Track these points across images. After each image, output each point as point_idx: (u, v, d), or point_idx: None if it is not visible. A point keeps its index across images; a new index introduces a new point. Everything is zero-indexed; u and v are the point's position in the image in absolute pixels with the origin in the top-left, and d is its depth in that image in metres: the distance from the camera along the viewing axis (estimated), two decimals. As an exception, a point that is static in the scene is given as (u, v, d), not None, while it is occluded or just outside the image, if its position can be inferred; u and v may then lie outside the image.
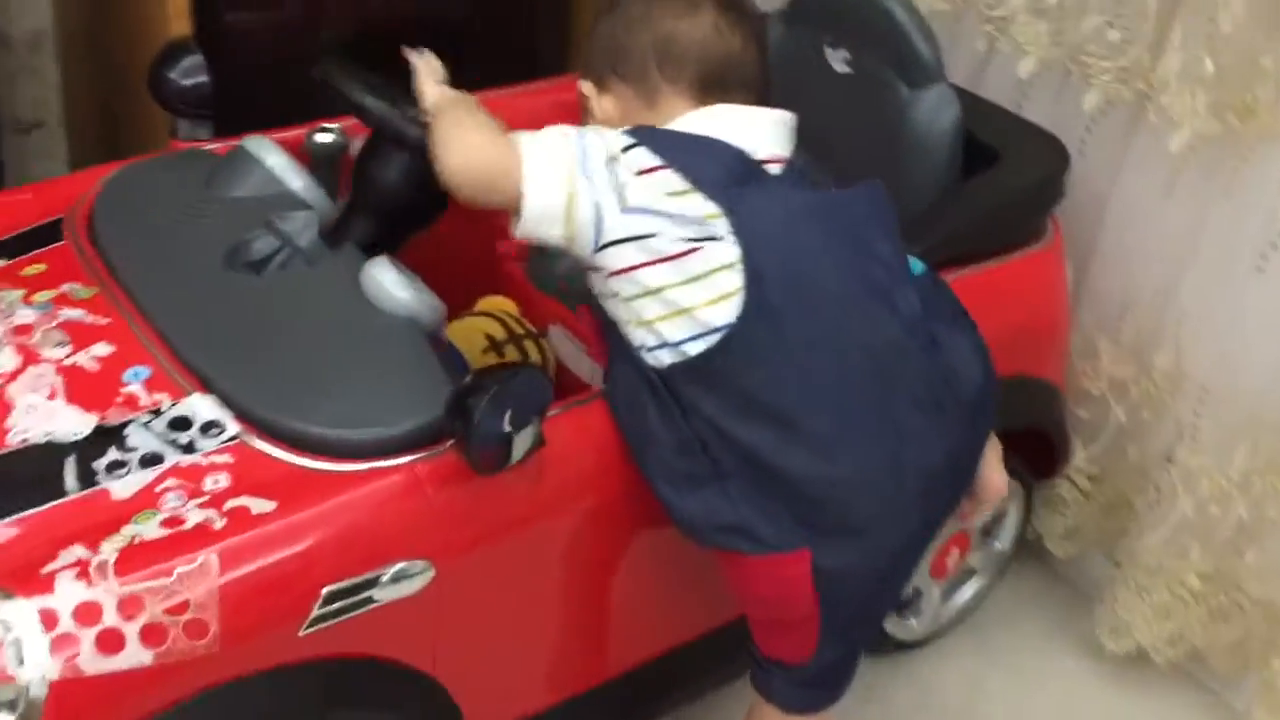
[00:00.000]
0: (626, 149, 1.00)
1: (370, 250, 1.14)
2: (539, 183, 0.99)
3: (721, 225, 0.99)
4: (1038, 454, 1.51)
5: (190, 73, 1.32)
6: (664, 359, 1.00)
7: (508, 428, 0.94)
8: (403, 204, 1.19)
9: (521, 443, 0.96)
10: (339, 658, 0.97)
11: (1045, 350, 1.44)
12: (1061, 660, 1.56)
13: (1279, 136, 1.27)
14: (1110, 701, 1.52)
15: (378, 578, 0.96)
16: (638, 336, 1.02)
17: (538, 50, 1.82)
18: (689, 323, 0.98)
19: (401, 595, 0.98)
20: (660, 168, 0.99)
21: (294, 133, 1.34)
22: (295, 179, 1.22)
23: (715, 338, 0.98)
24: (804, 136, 1.18)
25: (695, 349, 0.99)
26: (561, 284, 1.37)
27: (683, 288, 0.98)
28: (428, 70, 1.15)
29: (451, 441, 0.97)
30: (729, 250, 0.98)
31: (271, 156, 1.23)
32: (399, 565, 0.97)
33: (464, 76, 1.17)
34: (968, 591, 1.56)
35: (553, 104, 1.38)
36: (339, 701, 1.00)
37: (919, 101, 1.36)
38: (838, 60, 1.44)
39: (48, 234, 1.21)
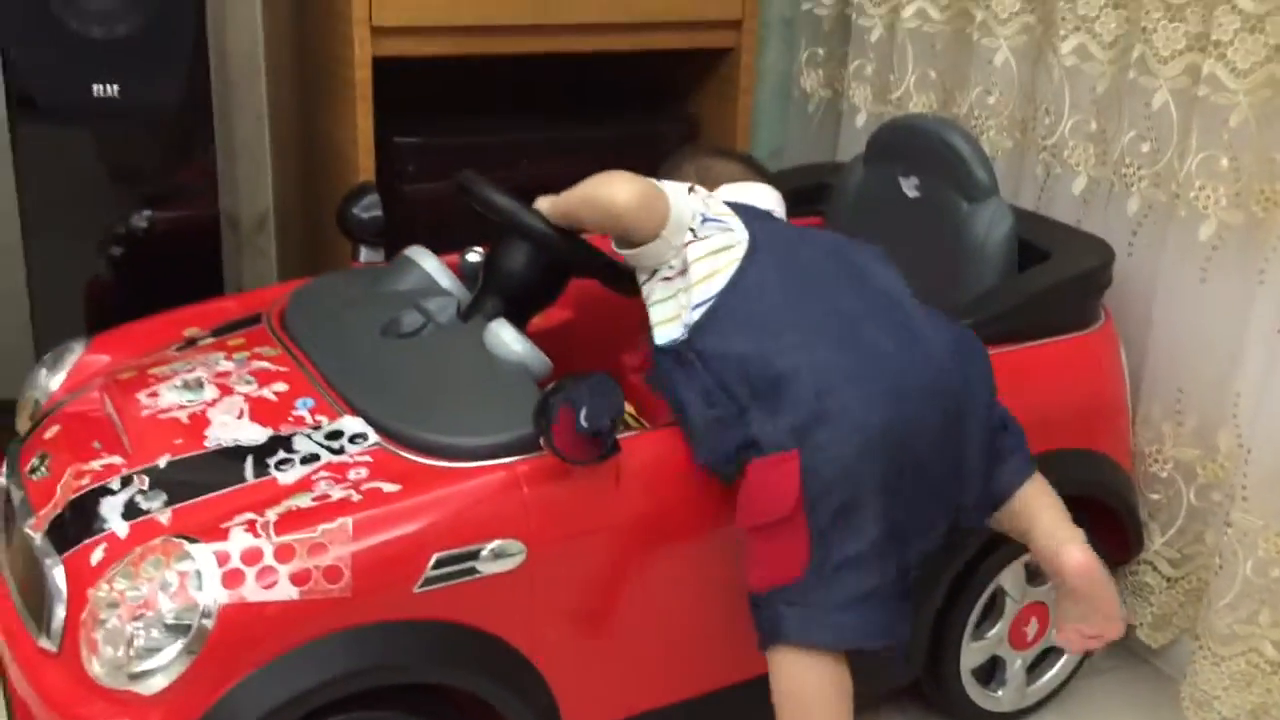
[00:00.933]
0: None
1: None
2: (676, 197, 1.33)
3: (743, 233, 1.34)
4: (1112, 536, 1.61)
5: (368, 208, 1.65)
6: (680, 333, 1.29)
7: (584, 423, 1.15)
8: (525, 285, 1.45)
9: (597, 438, 1.16)
10: (448, 621, 1.17)
11: (1103, 426, 1.56)
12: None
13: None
14: (1201, 779, 1.54)
15: (479, 551, 1.17)
16: (666, 328, 1.31)
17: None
18: (704, 289, 1.29)
19: (500, 570, 1.18)
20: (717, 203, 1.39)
21: (451, 257, 1.64)
22: (444, 278, 1.51)
23: (717, 289, 1.28)
24: (885, 251, 1.42)
25: (703, 309, 1.28)
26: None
27: (711, 258, 1.31)
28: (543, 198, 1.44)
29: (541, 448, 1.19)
30: (743, 242, 1.33)
31: (427, 261, 1.52)
32: (497, 543, 1.17)
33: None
34: (1055, 668, 1.63)
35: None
36: (447, 662, 1.18)
37: (977, 214, 1.57)
38: (909, 187, 1.67)
39: (248, 323, 1.52)
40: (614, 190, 1.32)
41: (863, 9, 1.97)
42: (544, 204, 1.42)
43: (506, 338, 1.35)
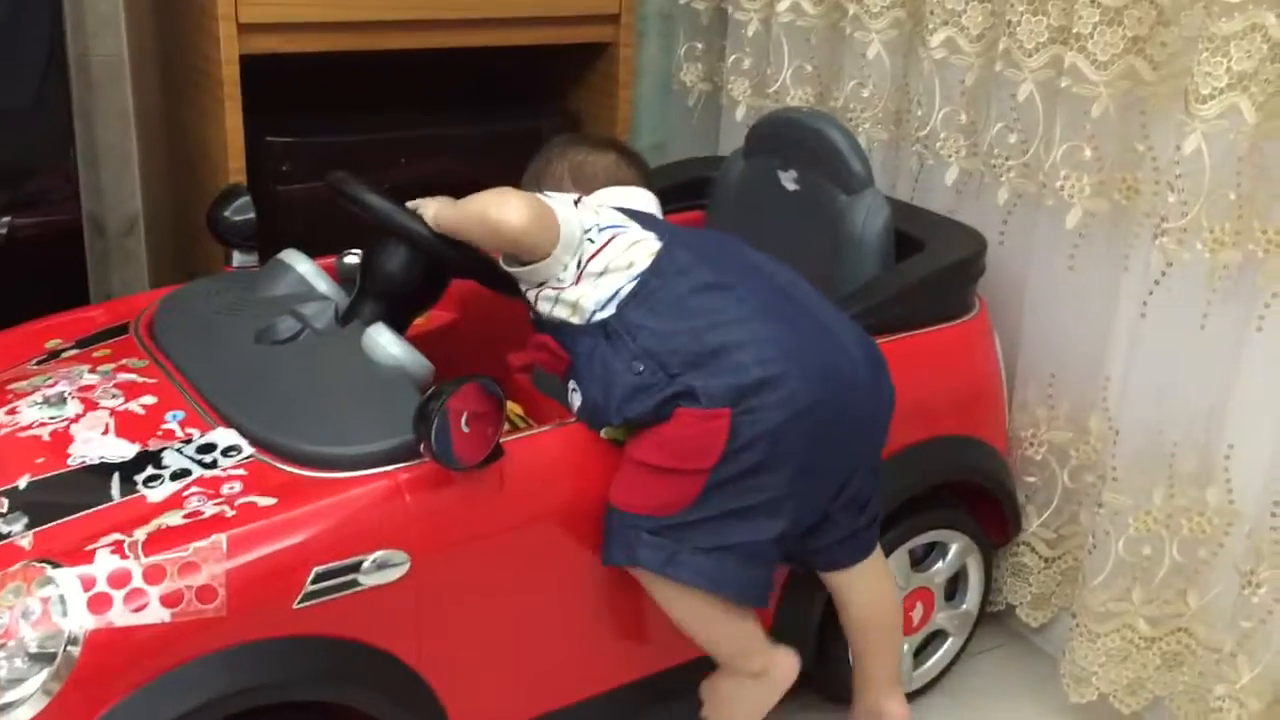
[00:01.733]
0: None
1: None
2: (565, 215, 1.32)
3: (646, 232, 1.36)
4: (991, 519, 1.65)
5: (240, 211, 1.60)
6: (610, 309, 1.29)
7: (465, 428, 1.13)
8: (404, 288, 1.42)
9: (479, 443, 1.15)
10: (330, 637, 1.14)
11: (979, 412, 1.60)
12: (1036, 716, 1.64)
13: (1157, 212, 1.46)
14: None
15: (360, 563, 1.14)
16: (590, 306, 1.29)
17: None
18: (625, 275, 1.30)
19: (383, 582, 1.16)
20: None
21: (327, 260, 1.60)
22: (320, 281, 1.47)
23: (640, 270, 1.30)
24: (764, 244, 1.43)
25: (630, 287, 1.29)
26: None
27: (625, 252, 1.32)
28: (427, 200, 1.41)
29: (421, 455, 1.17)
30: (651, 237, 1.34)
31: (302, 264, 1.48)
32: (380, 554, 1.15)
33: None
34: (940, 651, 1.66)
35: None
36: (330, 679, 1.16)
37: (854, 206, 1.59)
38: (788, 180, 1.68)
39: (113, 333, 1.47)
40: (507, 212, 1.30)
41: (738, 4, 1.98)
42: (429, 213, 1.38)
43: (384, 341, 1.32)
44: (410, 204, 1.40)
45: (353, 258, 1.58)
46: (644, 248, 1.32)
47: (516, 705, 1.32)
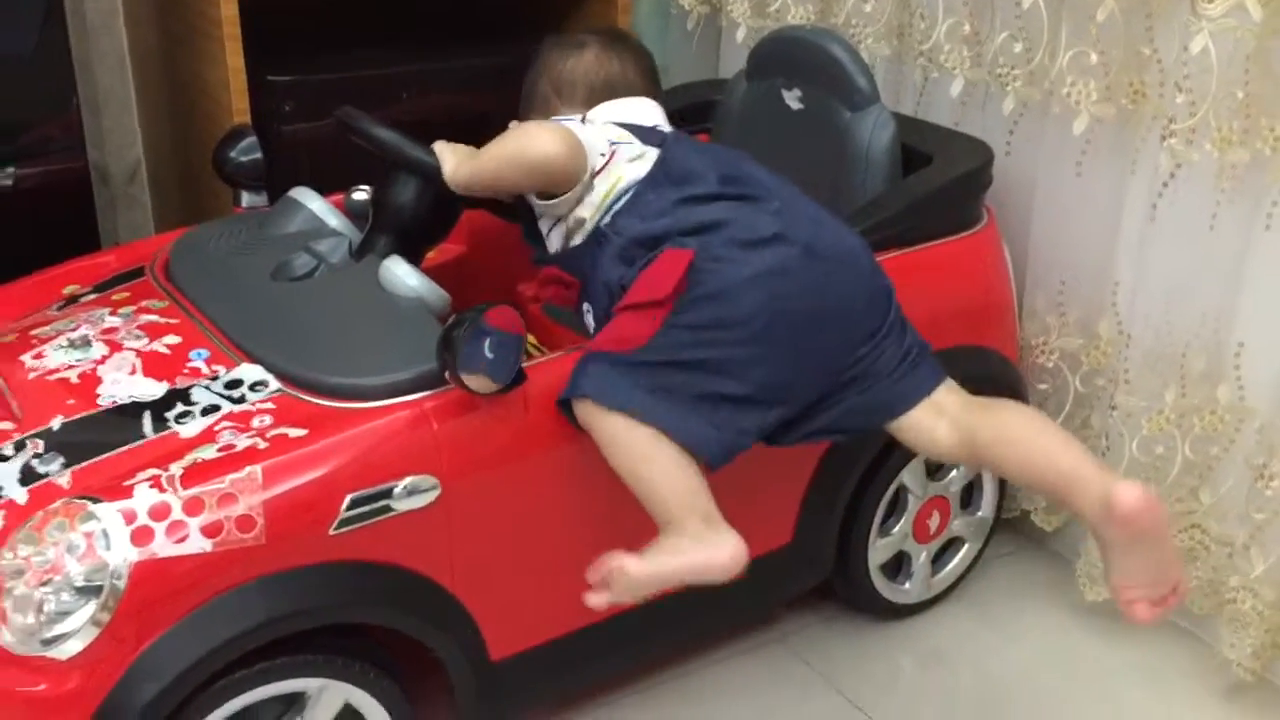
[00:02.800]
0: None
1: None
2: (583, 135, 1.33)
3: (648, 148, 1.36)
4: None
5: (246, 151, 1.60)
6: (605, 218, 1.32)
7: (489, 353, 1.15)
8: (416, 220, 1.43)
9: (502, 367, 1.16)
10: (366, 561, 1.17)
11: (991, 322, 1.61)
12: (1053, 617, 1.68)
13: (1165, 114, 1.46)
14: (1098, 648, 1.62)
15: (392, 489, 1.17)
16: (590, 221, 1.32)
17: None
18: (621, 185, 1.32)
19: (415, 507, 1.18)
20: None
21: (336, 196, 1.60)
22: (332, 218, 1.48)
23: (640, 180, 1.32)
24: (771, 163, 1.42)
25: (627, 196, 1.31)
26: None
27: (626, 165, 1.34)
28: (446, 154, 1.39)
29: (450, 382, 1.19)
30: (652, 152, 1.35)
31: (313, 201, 1.49)
32: (410, 479, 1.17)
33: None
34: (957, 558, 1.70)
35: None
36: (368, 602, 1.19)
37: (860, 121, 1.58)
38: (792, 99, 1.68)
39: (130, 276, 1.48)
40: (544, 145, 1.30)
41: (735, -78, 1.97)
42: (447, 167, 1.37)
43: (401, 273, 1.34)
44: (435, 147, 1.40)
45: (361, 194, 1.58)
46: (643, 162, 1.34)
47: (546, 623, 1.35)
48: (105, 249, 1.66)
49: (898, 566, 1.64)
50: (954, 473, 1.63)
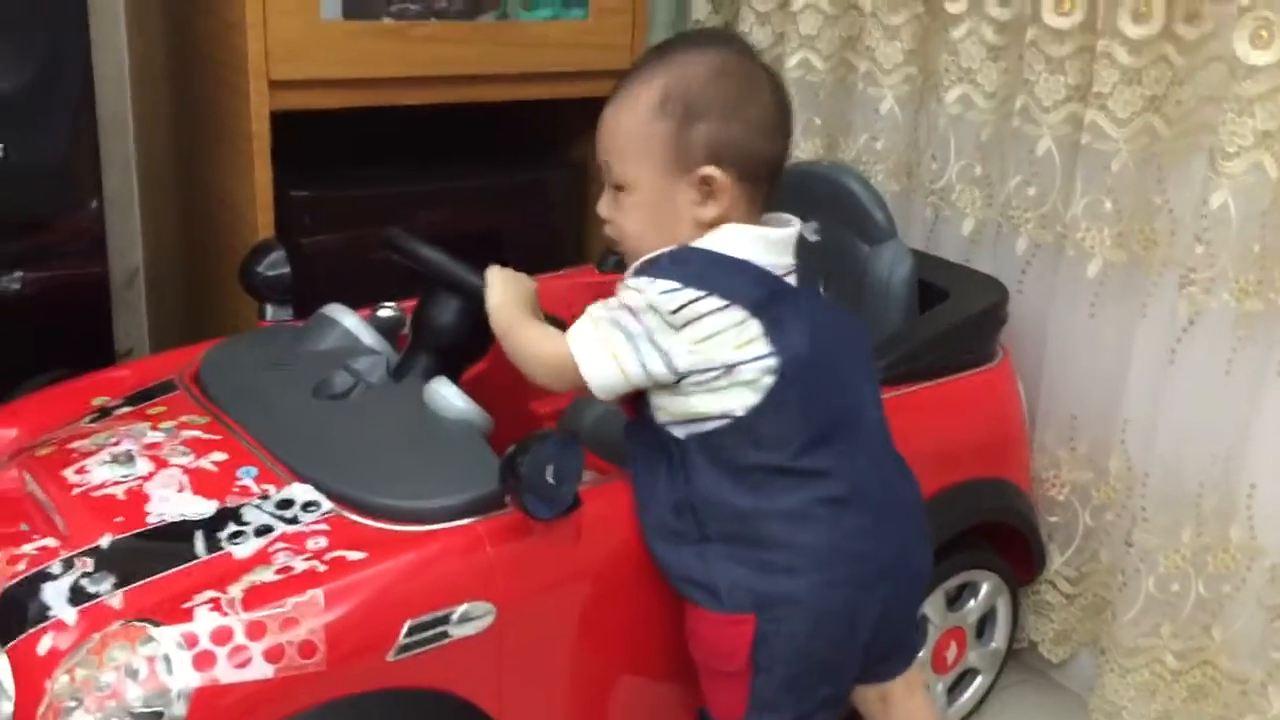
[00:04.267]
0: (673, 307, 1.15)
1: (430, 382, 1.39)
2: (592, 366, 1.18)
3: (761, 343, 1.16)
4: (1018, 557, 1.70)
5: (274, 265, 1.61)
6: (680, 432, 1.21)
7: (551, 480, 1.16)
8: (457, 341, 1.44)
9: (559, 494, 1.17)
10: (422, 689, 1.15)
11: (1006, 455, 1.66)
12: (1064, 753, 1.70)
13: (1176, 261, 1.54)
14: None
15: (449, 615, 1.16)
16: (662, 416, 1.21)
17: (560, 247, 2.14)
18: (711, 412, 1.18)
19: (470, 633, 1.17)
20: (700, 307, 1.15)
21: (361, 313, 1.61)
22: (366, 335, 1.49)
23: (731, 420, 1.18)
24: None
25: (711, 426, 1.19)
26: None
27: (723, 392, 1.17)
28: (498, 277, 1.32)
29: (506, 506, 1.19)
30: (768, 362, 1.16)
31: (347, 318, 1.50)
32: (466, 605, 1.17)
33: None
34: (971, 689, 1.71)
35: (572, 285, 1.66)
36: (420, 731, 1.17)
37: (879, 256, 1.64)
38: (809, 231, 1.71)
39: (163, 389, 1.47)
40: (521, 356, 1.25)
41: (747, 60, 2.04)
42: (500, 307, 1.29)
43: (449, 394, 1.34)
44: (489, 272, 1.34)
45: (387, 310, 1.60)
46: (747, 391, 1.17)
47: (584, 753, 1.33)
48: (123, 361, 1.65)
49: (914, 697, 1.65)
50: (971, 603, 1.65)
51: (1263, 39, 1.31)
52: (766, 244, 1.21)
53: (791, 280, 1.23)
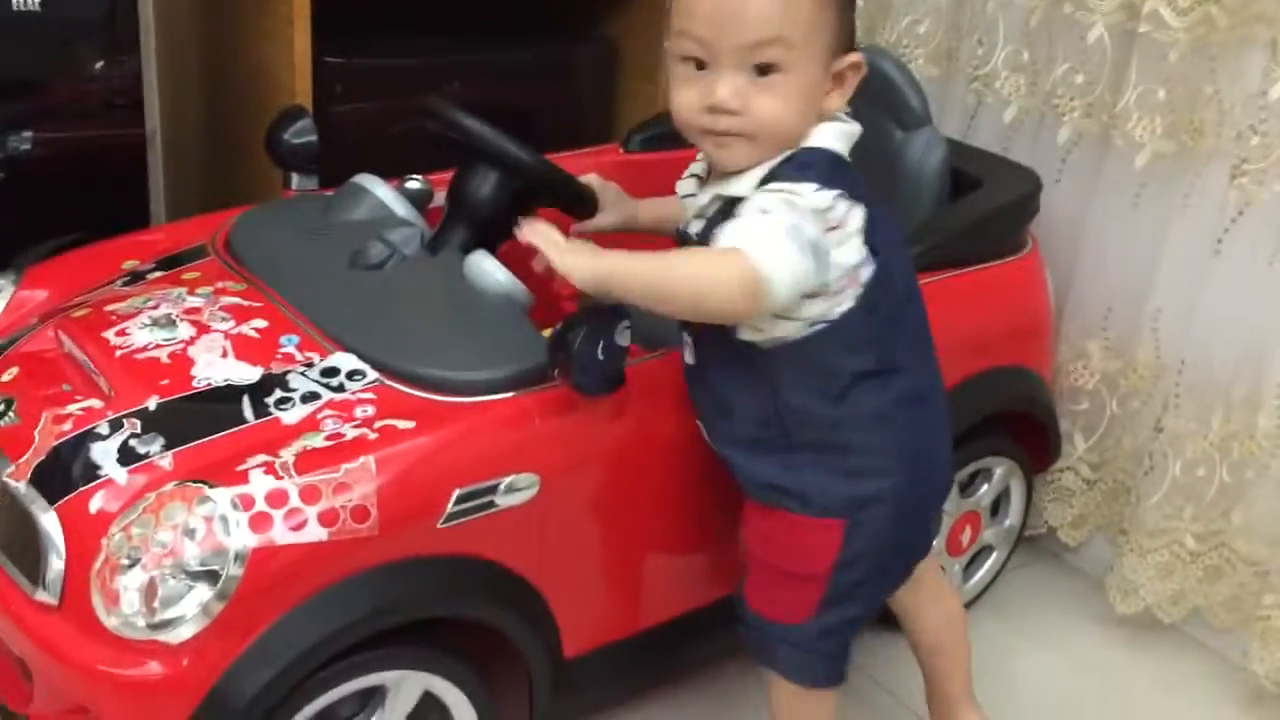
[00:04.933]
0: (825, 206, 1.09)
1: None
2: (780, 278, 1.06)
3: (868, 266, 1.14)
4: (1035, 444, 1.71)
5: (301, 133, 1.58)
6: (767, 344, 1.14)
7: (601, 355, 1.16)
8: (495, 214, 1.42)
9: (611, 371, 1.17)
10: (470, 556, 1.17)
11: (1031, 345, 1.66)
12: (1080, 626, 1.74)
13: (1222, 152, 1.52)
14: (1128, 660, 1.69)
15: (497, 485, 1.17)
16: (747, 331, 1.14)
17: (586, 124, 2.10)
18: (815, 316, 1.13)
19: (515, 503, 1.18)
20: (841, 208, 1.11)
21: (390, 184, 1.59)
22: (399, 206, 1.47)
23: (826, 325, 1.13)
24: None
25: (804, 334, 1.13)
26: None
27: (834, 297, 1.13)
28: (552, 244, 1.11)
29: (553, 379, 1.19)
30: (870, 264, 1.14)
31: (379, 189, 1.47)
32: (513, 476, 1.18)
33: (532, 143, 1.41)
34: (985, 565, 1.74)
35: (597, 164, 1.63)
36: (471, 597, 1.19)
37: (911, 142, 1.61)
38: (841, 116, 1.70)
39: (194, 255, 1.45)
40: (734, 305, 1.08)
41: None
42: (584, 265, 1.09)
43: (489, 268, 1.33)
44: (524, 239, 1.16)
45: (415, 182, 1.57)
46: (848, 297, 1.14)
47: (619, 622, 1.36)
48: (154, 226, 1.63)
49: (934, 577, 1.68)
50: (985, 487, 1.67)
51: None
52: (847, 139, 1.17)
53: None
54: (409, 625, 1.18)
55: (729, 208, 1.13)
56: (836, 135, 1.15)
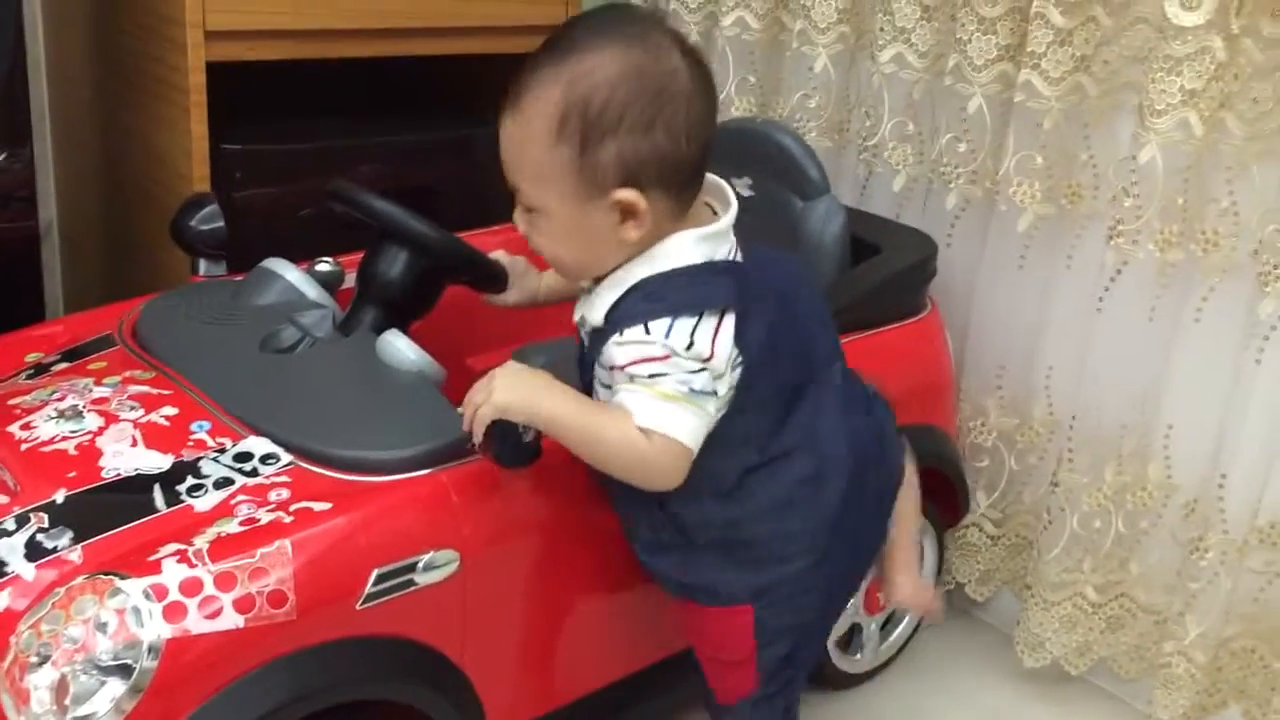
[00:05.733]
0: (686, 343, 1.08)
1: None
2: (687, 434, 1.09)
3: (731, 373, 1.12)
4: (944, 500, 1.76)
5: (208, 219, 1.58)
6: None
7: (521, 429, 1.17)
8: (405, 294, 1.43)
9: (531, 446, 1.19)
10: (390, 637, 1.16)
11: (937, 403, 1.71)
12: (993, 681, 1.77)
13: (1099, 214, 1.60)
14: (1038, 713, 1.72)
15: (415, 563, 1.16)
16: None
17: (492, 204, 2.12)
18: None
19: (435, 580, 1.18)
20: (705, 330, 1.09)
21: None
22: (310, 289, 1.47)
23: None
24: None
25: None
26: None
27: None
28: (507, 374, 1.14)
29: (468, 455, 1.20)
30: (739, 361, 1.12)
31: (289, 272, 1.48)
32: (431, 554, 1.18)
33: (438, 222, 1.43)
34: (900, 626, 1.77)
35: (505, 242, 1.65)
36: (393, 679, 1.17)
37: (812, 211, 1.67)
38: (742, 187, 1.76)
39: (100, 344, 1.44)
40: (657, 479, 1.12)
41: (678, 15, 2.05)
42: (525, 406, 1.13)
43: (402, 346, 1.34)
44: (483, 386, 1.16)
45: (325, 265, 1.58)
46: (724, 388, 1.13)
47: (544, 697, 1.36)
48: (53, 319, 1.60)
49: (850, 639, 1.71)
50: (903, 545, 1.71)
51: (1191, 2, 1.36)
52: (713, 240, 1.12)
53: (737, 255, 1.16)
54: (338, 709, 1.17)
55: (598, 338, 1.13)
56: (694, 242, 1.11)
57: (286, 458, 1.21)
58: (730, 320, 1.10)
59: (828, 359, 1.25)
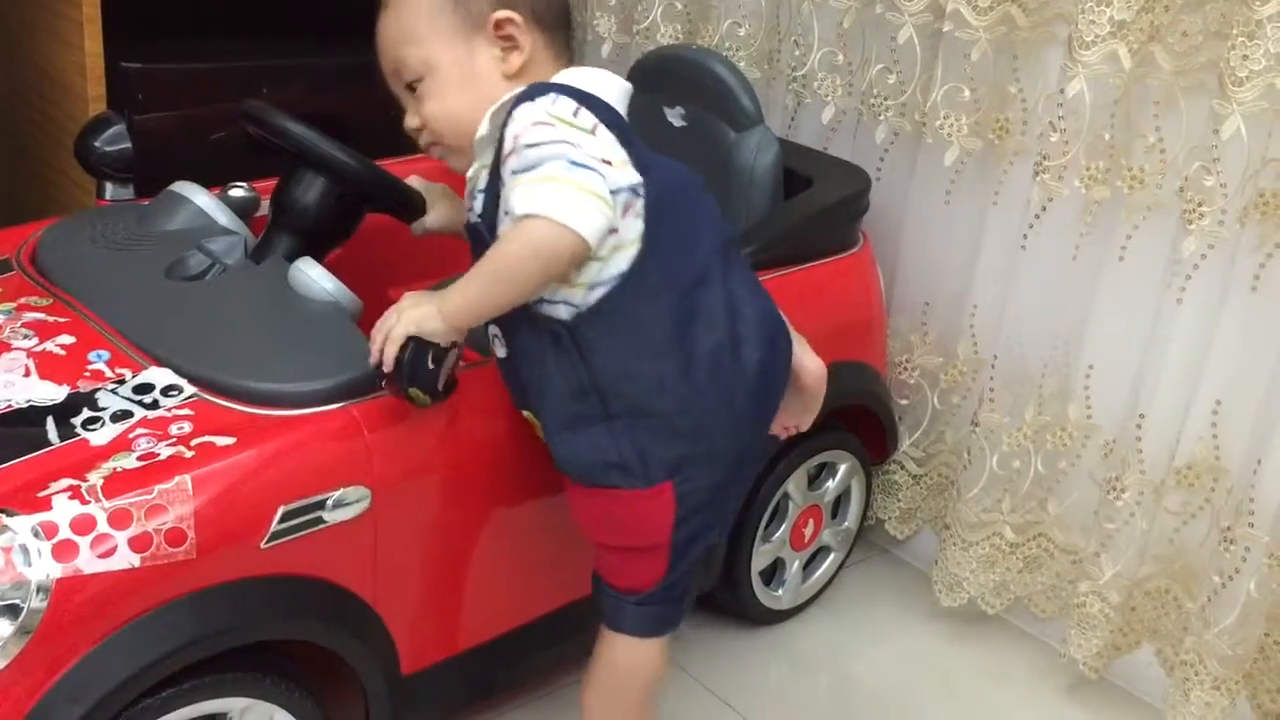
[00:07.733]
0: (572, 109, 1.10)
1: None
2: (579, 216, 1.05)
3: (639, 188, 1.12)
4: (872, 438, 1.76)
5: (114, 140, 1.51)
6: (563, 313, 1.13)
7: (431, 365, 1.13)
8: (321, 221, 1.38)
9: (442, 378, 1.15)
10: (297, 576, 1.13)
11: (865, 339, 1.70)
12: (910, 623, 1.78)
13: (1026, 150, 1.59)
14: (949, 649, 1.73)
15: (325, 500, 1.13)
16: (544, 304, 1.13)
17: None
18: (606, 274, 1.12)
19: (345, 518, 1.14)
20: (604, 131, 1.11)
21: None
22: (221, 214, 1.41)
23: (614, 284, 1.12)
24: None
25: (603, 291, 1.12)
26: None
27: (622, 234, 1.11)
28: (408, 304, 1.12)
29: (380, 389, 1.16)
30: (641, 192, 1.11)
31: (200, 196, 1.42)
32: (342, 490, 1.14)
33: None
34: (823, 566, 1.77)
35: (420, 170, 1.59)
36: (300, 618, 1.14)
37: (744, 142, 1.63)
38: (675, 117, 1.72)
39: (-3, 269, 1.37)
40: (578, 230, 1.05)
41: (606, -61, 1.99)
42: (436, 309, 1.10)
43: (315, 275, 1.29)
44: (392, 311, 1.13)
45: (239, 190, 1.52)
46: (632, 230, 1.11)
47: (458, 635, 1.33)
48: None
49: (773, 573, 1.70)
50: (830, 483, 1.70)
51: (1124, -70, 1.34)
52: (607, 85, 1.16)
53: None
54: (255, 647, 1.13)
55: (495, 169, 1.13)
56: (570, 75, 1.16)
57: (190, 390, 1.16)
58: (609, 133, 1.11)
59: (730, 244, 1.24)
